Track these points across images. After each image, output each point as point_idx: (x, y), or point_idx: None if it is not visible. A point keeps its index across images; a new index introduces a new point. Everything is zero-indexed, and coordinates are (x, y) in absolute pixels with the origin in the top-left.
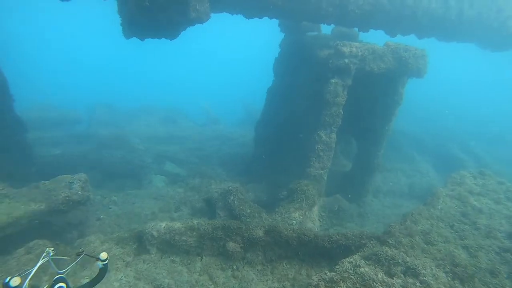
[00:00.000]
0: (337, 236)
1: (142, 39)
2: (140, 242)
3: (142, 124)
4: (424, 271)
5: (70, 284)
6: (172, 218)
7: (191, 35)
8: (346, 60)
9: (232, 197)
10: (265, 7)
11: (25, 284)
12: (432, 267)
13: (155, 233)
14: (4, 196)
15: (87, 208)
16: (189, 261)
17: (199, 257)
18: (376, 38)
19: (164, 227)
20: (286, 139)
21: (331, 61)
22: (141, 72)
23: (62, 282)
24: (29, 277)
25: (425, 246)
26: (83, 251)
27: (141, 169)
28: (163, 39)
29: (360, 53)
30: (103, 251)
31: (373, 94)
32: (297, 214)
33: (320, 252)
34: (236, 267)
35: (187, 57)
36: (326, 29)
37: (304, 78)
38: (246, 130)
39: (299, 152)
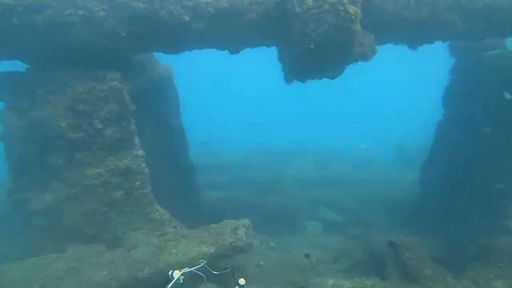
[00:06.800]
0: None
1: (303, 82)
2: None
3: (295, 167)
4: None
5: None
6: (332, 270)
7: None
8: None
9: (408, 254)
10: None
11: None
12: None
13: None
14: (181, 237)
15: (247, 253)
16: None
17: None
18: None
19: (331, 285)
20: (465, 183)
21: None
22: (297, 114)
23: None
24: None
25: None
26: (231, 267)
27: (296, 214)
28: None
29: None
30: None
31: None
32: (499, 283)
33: None
34: None
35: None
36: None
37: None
38: (400, 171)
39: (485, 198)
